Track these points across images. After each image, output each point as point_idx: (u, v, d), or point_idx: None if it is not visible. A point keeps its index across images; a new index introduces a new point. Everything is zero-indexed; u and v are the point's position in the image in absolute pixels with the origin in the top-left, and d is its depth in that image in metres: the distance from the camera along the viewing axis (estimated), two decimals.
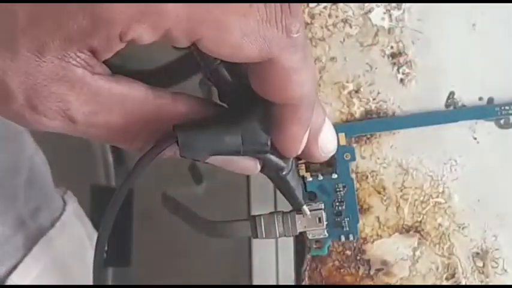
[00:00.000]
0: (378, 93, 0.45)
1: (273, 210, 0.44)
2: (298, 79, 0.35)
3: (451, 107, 0.45)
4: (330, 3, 0.45)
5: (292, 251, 0.48)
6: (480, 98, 0.45)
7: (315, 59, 0.45)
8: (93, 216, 0.62)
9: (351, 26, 0.45)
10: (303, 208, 0.42)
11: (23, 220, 0.53)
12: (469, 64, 0.45)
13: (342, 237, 0.45)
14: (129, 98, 0.35)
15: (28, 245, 0.52)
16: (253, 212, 0.46)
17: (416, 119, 0.45)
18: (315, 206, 0.44)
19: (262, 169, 0.39)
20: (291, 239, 0.48)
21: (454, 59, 0.45)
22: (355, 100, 0.45)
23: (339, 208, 0.44)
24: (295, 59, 0.35)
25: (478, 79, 0.45)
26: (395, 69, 0.45)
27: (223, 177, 0.44)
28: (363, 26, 0.45)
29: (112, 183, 0.85)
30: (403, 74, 0.45)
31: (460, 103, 0.45)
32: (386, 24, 0.45)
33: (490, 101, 0.45)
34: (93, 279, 0.38)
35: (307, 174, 0.44)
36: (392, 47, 0.45)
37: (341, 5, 0.45)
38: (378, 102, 0.45)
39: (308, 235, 0.44)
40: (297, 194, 0.42)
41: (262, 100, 0.36)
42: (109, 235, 0.37)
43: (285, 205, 0.43)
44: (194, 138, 0.36)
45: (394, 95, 0.45)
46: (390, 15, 0.45)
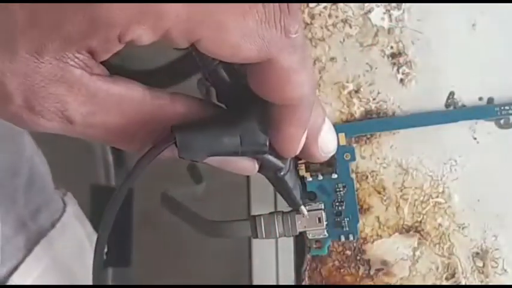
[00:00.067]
0: (378, 93, 0.45)
1: (273, 210, 0.44)
2: (297, 79, 0.35)
3: (451, 107, 0.45)
4: (330, 3, 0.45)
5: (292, 251, 0.48)
6: (480, 98, 0.45)
7: (315, 59, 0.45)
8: (93, 216, 0.62)
9: (350, 26, 0.45)
10: (301, 208, 0.42)
11: (23, 221, 0.53)
12: (469, 64, 0.45)
13: (341, 237, 0.45)
14: (127, 98, 0.35)
15: (29, 245, 0.52)
16: (253, 212, 0.46)
17: (416, 119, 0.45)
18: (314, 206, 0.44)
19: (260, 169, 0.39)
20: (291, 239, 0.48)
21: (454, 59, 0.45)
22: (355, 100, 0.45)
23: (339, 208, 0.44)
24: (294, 60, 0.35)
25: (477, 79, 0.45)
26: (395, 69, 0.45)
27: (223, 177, 0.44)
28: (362, 26, 0.45)
29: (112, 183, 0.86)
30: (403, 74, 0.45)
31: (460, 103, 0.45)
32: (386, 24, 0.45)
33: (490, 101, 0.44)
34: (93, 280, 0.38)
35: (307, 174, 0.44)
36: (392, 47, 0.45)
37: (341, 5, 0.45)
38: (377, 102, 0.45)
39: (308, 235, 0.44)
40: (295, 194, 0.42)
41: (260, 100, 0.36)
42: (109, 235, 0.37)
43: (285, 205, 0.43)
44: (192, 139, 0.36)
45: (394, 95, 0.45)
46: (390, 15, 0.45)
